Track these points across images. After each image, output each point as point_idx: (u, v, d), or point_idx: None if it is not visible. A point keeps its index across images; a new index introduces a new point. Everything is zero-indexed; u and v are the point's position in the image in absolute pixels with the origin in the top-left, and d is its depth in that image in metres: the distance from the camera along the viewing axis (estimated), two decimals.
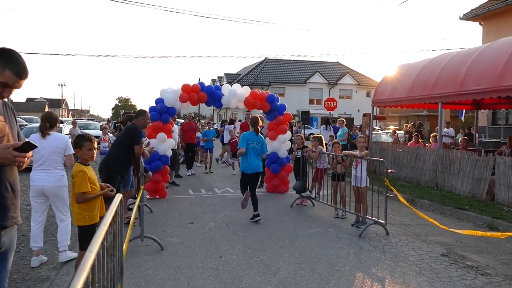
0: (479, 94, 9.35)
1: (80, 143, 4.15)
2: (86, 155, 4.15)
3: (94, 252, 1.82)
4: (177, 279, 4.63)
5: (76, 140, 4.24)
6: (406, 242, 6.19)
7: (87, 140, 4.17)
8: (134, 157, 6.28)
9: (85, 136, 4.28)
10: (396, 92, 12.60)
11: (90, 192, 4.06)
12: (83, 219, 4.09)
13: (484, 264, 5.29)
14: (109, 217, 2.52)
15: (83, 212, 4.08)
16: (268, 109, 10.12)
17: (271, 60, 48.79)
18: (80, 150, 4.15)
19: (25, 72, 2.59)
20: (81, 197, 4.02)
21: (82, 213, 4.08)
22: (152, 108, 9.41)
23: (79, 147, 4.15)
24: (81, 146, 4.13)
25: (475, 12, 18.02)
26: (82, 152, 4.14)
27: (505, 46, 9.20)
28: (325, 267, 5.06)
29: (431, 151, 10.99)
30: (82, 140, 4.18)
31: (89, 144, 4.15)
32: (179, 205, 8.59)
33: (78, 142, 4.17)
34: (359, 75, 50.40)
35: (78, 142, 4.18)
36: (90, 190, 4.06)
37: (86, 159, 4.17)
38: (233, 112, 37.74)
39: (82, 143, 4.14)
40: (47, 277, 4.66)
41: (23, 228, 6.55)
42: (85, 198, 4.03)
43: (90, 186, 4.05)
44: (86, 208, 4.09)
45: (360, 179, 7.06)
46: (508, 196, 8.35)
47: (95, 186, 4.16)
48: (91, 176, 4.12)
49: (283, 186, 10.27)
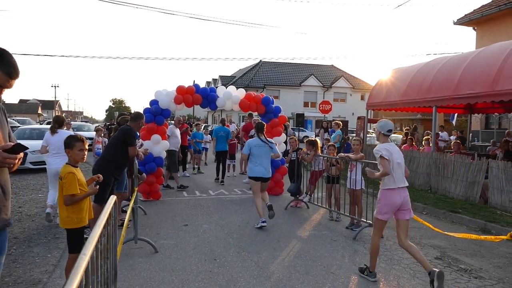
0: (473, 98, 9.41)
1: (71, 143, 4.06)
2: (77, 155, 4.07)
3: (88, 255, 1.80)
4: (171, 281, 4.60)
5: (67, 140, 4.13)
6: None
7: (79, 140, 4.09)
8: (128, 158, 6.25)
9: (77, 136, 4.21)
10: (391, 96, 12.66)
11: (79, 195, 3.98)
12: (71, 221, 4.00)
13: (477, 267, 5.31)
14: (103, 219, 2.49)
15: (72, 214, 3.99)
16: (263, 111, 10.12)
17: (266, 62, 48.87)
18: (71, 151, 4.06)
19: (16, 72, 2.57)
20: (70, 199, 3.93)
21: (70, 215, 3.99)
22: (146, 110, 9.36)
23: (70, 147, 4.05)
24: (72, 146, 4.05)
25: (469, 17, 18.17)
26: (73, 152, 4.05)
27: (499, 51, 9.27)
28: (319, 270, 5.05)
29: (425, 155, 11.03)
30: (74, 140, 4.09)
31: (80, 145, 4.07)
32: (173, 207, 8.55)
33: (69, 142, 4.07)
34: (353, 78, 50.62)
35: (69, 142, 4.08)
36: (79, 192, 3.98)
37: (77, 160, 4.08)
38: (228, 115, 37.66)
39: (74, 143, 4.05)
40: (39, 280, 4.61)
41: (15, 231, 6.49)
42: (74, 200, 3.95)
43: (79, 189, 3.97)
44: (75, 211, 4.00)
45: (355, 182, 7.09)
46: (501, 200, 8.40)
47: (84, 189, 4.07)
48: (80, 178, 4.03)
49: (278, 188, 10.26)
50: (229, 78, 52.36)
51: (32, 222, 7.10)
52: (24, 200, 8.91)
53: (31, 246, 5.80)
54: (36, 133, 15.68)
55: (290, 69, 49.40)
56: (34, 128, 17.07)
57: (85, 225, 4.12)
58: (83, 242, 4.00)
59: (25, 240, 6.07)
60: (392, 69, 13.90)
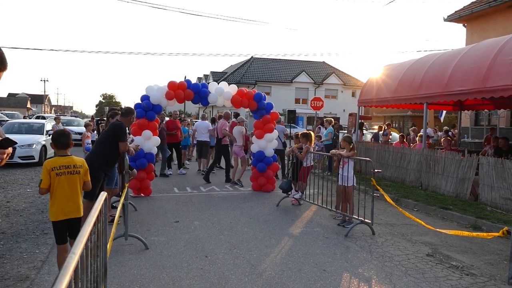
0: (463, 95, 9.45)
1: (58, 139, 4.14)
2: None
3: (78, 254, 1.74)
4: (162, 279, 4.54)
5: (55, 136, 4.20)
6: (392, 241, 6.21)
7: (65, 136, 4.16)
8: (119, 154, 6.16)
9: (64, 132, 4.25)
10: (382, 92, 12.67)
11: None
12: (51, 214, 4.11)
13: (469, 264, 5.33)
14: (94, 216, 2.43)
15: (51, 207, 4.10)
16: (255, 107, 10.06)
17: (258, 59, 48.77)
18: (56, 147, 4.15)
19: (4, 63, 2.49)
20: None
21: (51, 208, 4.10)
22: (137, 105, 9.26)
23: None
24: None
25: (459, 13, 18.23)
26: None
27: (489, 47, 9.30)
28: (311, 267, 5.03)
29: (415, 151, 11.07)
30: (60, 136, 4.16)
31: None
32: (164, 203, 8.48)
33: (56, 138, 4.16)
34: (344, 75, 50.72)
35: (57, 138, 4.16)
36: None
37: None
38: (219, 111, 37.48)
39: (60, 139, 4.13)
40: (27, 276, 4.53)
41: (3, 226, 6.40)
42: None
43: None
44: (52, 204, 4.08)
45: (347, 179, 7.07)
46: (491, 196, 8.46)
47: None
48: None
49: (269, 185, 10.23)
50: (221, 74, 52.18)
51: (20, 217, 6.98)
52: (12, 195, 8.78)
53: (19, 241, 5.70)
54: (25, 127, 15.49)
55: (282, 65, 49.32)
56: (23, 123, 16.85)
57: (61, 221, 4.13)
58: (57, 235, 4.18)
59: (13, 235, 5.98)
60: (383, 66, 13.92)
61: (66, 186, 4.04)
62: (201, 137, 13.06)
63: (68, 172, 4.05)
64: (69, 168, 4.06)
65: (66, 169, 4.04)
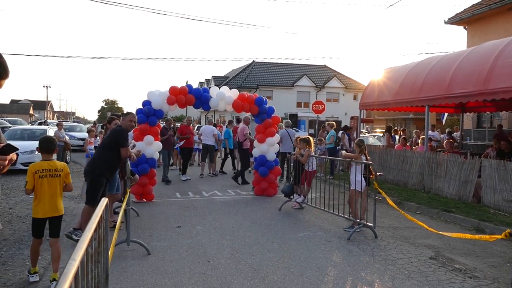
0: (465, 97, 9.43)
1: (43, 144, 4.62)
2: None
3: (78, 260, 1.74)
4: (164, 284, 4.54)
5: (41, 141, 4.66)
6: (395, 245, 6.19)
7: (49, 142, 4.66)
8: (120, 160, 6.17)
9: (49, 138, 4.75)
10: (383, 95, 12.67)
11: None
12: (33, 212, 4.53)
13: (472, 267, 5.30)
14: (94, 222, 2.43)
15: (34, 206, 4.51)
16: (257, 112, 10.08)
17: (259, 63, 48.78)
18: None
19: (6, 71, 2.51)
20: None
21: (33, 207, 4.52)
22: (139, 111, 9.28)
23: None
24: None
25: (460, 16, 18.23)
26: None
27: (490, 50, 9.30)
28: (314, 271, 5.02)
29: (418, 154, 11.05)
30: (46, 142, 4.64)
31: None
32: (166, 208, 8.48)
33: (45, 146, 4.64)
34: (346, 78, 50.69)
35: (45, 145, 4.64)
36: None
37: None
38: (221, 115, 37.55)
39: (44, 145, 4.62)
40: (29, 283, 4.53)
41: (5, 232, 6.40)
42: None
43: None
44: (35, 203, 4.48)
45: (355, 182, 6.93)
46: (494, 199, 8.43)
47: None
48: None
49: (272, 189, 10.22)
50: (222, 79, 52.20)
51: (22, 223, 7.00)
52: (14, 201, 8.79)
53: (22, 248, 5.71)
54: (28, 133, 15.53)
55: (283, 69, 49.34)
56: (25, 129, 16.90)
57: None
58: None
59: (15, 242, 5.99)
60: (384, 69, 13.92)
61: (47, 187, 4.44)
62: (206, 140, 13.33)
63: (50, 175, 4.46)
64: (50, 172, 4.47)
65: (48, 172, 4.45)
